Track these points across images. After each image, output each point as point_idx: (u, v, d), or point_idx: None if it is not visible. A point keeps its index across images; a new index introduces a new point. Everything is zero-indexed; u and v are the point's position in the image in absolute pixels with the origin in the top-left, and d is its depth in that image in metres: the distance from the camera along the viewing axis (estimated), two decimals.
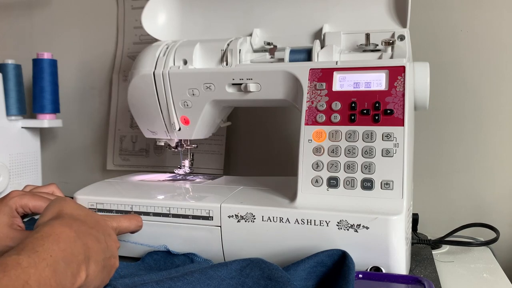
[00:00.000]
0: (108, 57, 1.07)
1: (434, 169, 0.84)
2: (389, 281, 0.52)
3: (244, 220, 0.59)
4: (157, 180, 0.78)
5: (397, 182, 0.56)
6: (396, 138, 0.57)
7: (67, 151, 1.13)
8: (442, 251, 0.71)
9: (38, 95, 0.97)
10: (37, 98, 0.97)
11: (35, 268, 0.36)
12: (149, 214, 0.64)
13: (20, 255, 0.36)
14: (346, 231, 0.55)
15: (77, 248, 0.41)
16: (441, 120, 0.84)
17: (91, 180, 0.79)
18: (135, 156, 1.04)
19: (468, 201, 0.83)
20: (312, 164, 0.59)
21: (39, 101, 0.97)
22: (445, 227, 0.77)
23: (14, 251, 0.37)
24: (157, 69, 0.70)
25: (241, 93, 0.68)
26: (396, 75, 0.59)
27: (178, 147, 0.79)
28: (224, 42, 0.70)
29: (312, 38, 0.71)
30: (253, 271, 0.50)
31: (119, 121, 1.05)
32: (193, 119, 0.72)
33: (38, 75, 0.97)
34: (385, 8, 0.68)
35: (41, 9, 1.13)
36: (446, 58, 0.83)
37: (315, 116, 0.61)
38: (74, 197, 0.68)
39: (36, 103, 0.97)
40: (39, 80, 0.97)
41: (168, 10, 0.79)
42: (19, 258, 0.35)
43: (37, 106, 0.97)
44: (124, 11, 1.05)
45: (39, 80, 0.97)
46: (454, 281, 0.59)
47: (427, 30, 0.83)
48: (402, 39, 0.64)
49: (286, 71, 0.65)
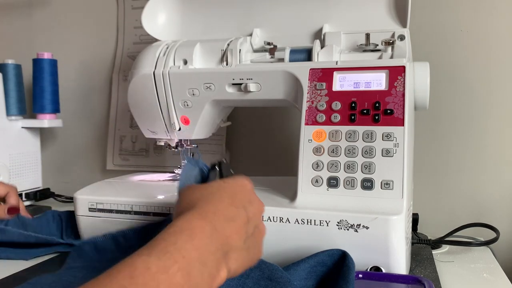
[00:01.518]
0: (108, 57, 1.07)
1: (434, 169, 0.84)
2: (389, 281, 0.52)
3: None
4: (157, 180, 0.78)
5: (397, 182, 0.56)
6: (396, 138, 0.57)
7: (67, 151, 1.13)
8: (442, 251, 0.71)
9: (38, 95, 0.97)
10: (37, 98, 0.97)
11: (165, 273, 0.32)
12: (149, 214, 0.64)
13: (151, 256, 0.32)
14: (346, 231, 0.55)
15: (214, 244, 0.37)
16: (441, 120, 0.84)
17: (91, 180, 0.79)
18: (135, 156, 1.04)
19: (468, 201, 0.83)
20: (312, 164, 0.59)
21: (39, 101, 0.97)
22: (445, 227, 0.77)
23: (145, 249, 0.33)
24: (157, 69, 0.70)
25: (241, 93, 0.68)
26: (396, 75, 0.59)
27: (178, 147, 0.79)
28: (224, 42, 0.70)
29: (312, 38, 0.71)
30: (253, 271, 0.50)
31: (119, 121, 1.05)
32: (193, 119, 0.72)
33: (38, 75, 0.97)
34: (385, 8, 0.68)
35: (41, 9, 1.13)
36: (446, 58, 0.83)
37: (315, 116, 0.61)
38: (74, 197, 0.68)
39: (36, 103, 0.97)
40: (39, 80, 0.97)
41: (168, 10, 0.79)
42: (149, 261, 0.32)
43: (37, 106, 0.97)
44: (124, 11, 1.05)
45: (39, 80, 0.97)
46: (454, 281, 0.59)
47: (427, 30, 0.83)
48: (402, 39, 0.64)
49: (286, 71, 0.65)
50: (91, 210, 0.67)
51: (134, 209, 0.65)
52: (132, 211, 0.65)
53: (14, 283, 0.55)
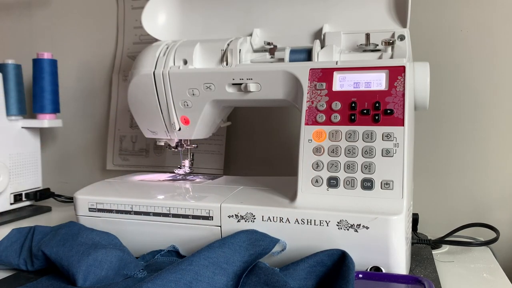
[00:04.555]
0: (108, 57, 1.07)
1: (434, 169, 0.84)
2: (389, 281, 0.52)
3: (244, 220, 0.59)
4: (157, 180, 0.78)
5: (397, 182, 0.56)
6: (396, 138, 0.57)
7: (67, 151, 1.13)
8: (442, 251, 0.71)
9: (38, 95, 0.97)
10: (37, 98, 0.97)
11: None
12: (149, 214, 0.64)
13: None
14: (346, 231, 0.55)
15: None
16: (441, 120, 0.84)
17: (91, 180, 0.79)
18: (135, 156, 1.04)
19: (468, 201, 0.83)
20: (312, 164, 0.59)
21: (39, 101, 0.97)
22: (445, 227, 0.77)
23: None
24: (157, 69, 0.70)
25: (241, 93, 0.68)
26: (396, 75, 0.59)
27: (178, 147, 0.79)
28: (224, 42, 0.70)
29: (312, 38, 0.71)
30: (249, 278, 0.51)
31: (119, 121, 1.05)
32: (193, 119, 0.72)
33: (38, 75, 0.97)
34: (385, 8, 0.68)
35: (41, 9, 1.13)
36: (446, 58, 0.83)
37: (315, 116, 0.61)
38: (74, 197, 0.68)
39: (36, 103, 0.97)
40: (39, 80, 0.97)
41: (168, 10, 0.79)
42: None
43: (37, 106, 0.97)
44: (124, 11, 1.05)
45: (39, 80, 0.97)
46: (454, 281, 0.59)
47: (427, 30, 0.83)
48: (402, 39, 0.64)
49: (286, 71, 0.65)
50: (91, 210, 0.67)
51: (134, 209, 0.65)
52: (132, 211, 0.65)
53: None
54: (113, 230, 0.65)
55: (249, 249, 0.54)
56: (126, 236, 0.65)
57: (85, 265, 0.55)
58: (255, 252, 0.54)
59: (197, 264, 0.50)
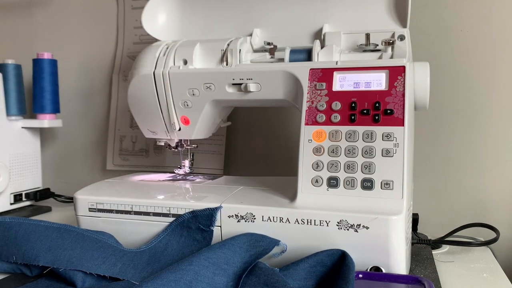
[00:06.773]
0: (108, 57, 1.07)
1: (434, 169, 0.84)
2: (389, 281, 0.52)
3: (244, 220, 0.59)
4: (157, 180, 0.78)
5: (397, 182, 0.56)
6: (396, 138, 0.57)
7: (67, 151, 1.13)
8: (442, 251, 0.71)
9: (38, 95, 0.97)
10: (37, 98, 0.97)
11: None
12: (149, 214, 0.64)
13: None
14: (346, 231, 0.55)
15: None
16: (441, 120, 0.84)
17: (91, 180, 0.79)
18: (135, 156, 1.04)
19: (468, 201, 0.83)
20: (312, 164, 0.59)
21: (39, 101, 0.97)
22: (445, 227, 0.77)
23: None
24: (157, 69, 0.70)
25: (241, 93, 0.68)
26: (396, 75, 0.59)
27: (178, 147, 0.79)
28: (224, 42, 0.70)
29: (312, 38, 0.71)
30: (249, 278, 0.51)
31: (119, 121, 1.05)
32: (193, 119, 0.72)
33: (38, 75, 0.97)
34: (385, 8, 0.68)
35: (41, 9, 1.13)
36: (446, 58, 0.83)
37: (315, 116, 0.61)
38: (74, 197, 0.68)
39: (36, 103, 0.97)
40: (39, 80, 0.97)
41: (168, 10, 0.79)
42: None
43: (37, 106, 0.97)
44: (124, 11, 1.05)
45: (39, 80, 0.97)
46: (454, 281, 0.59)
47: (427, 30, 0.83)
48: (402, 39, 0.64)
49: (286, 71, 0.65)
50: (91, 210, 0.67)
51: (134, 209, 0.65)
52: (132, 211, 0.65)
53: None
54: (113, 230, 0.65)
55: (249, 250, 0.55)
56: (126, 236, 0.65)
57: (84, 265, 0.55)
58: (255, 252, 0.55)
59: (197, 264, 0.50)
